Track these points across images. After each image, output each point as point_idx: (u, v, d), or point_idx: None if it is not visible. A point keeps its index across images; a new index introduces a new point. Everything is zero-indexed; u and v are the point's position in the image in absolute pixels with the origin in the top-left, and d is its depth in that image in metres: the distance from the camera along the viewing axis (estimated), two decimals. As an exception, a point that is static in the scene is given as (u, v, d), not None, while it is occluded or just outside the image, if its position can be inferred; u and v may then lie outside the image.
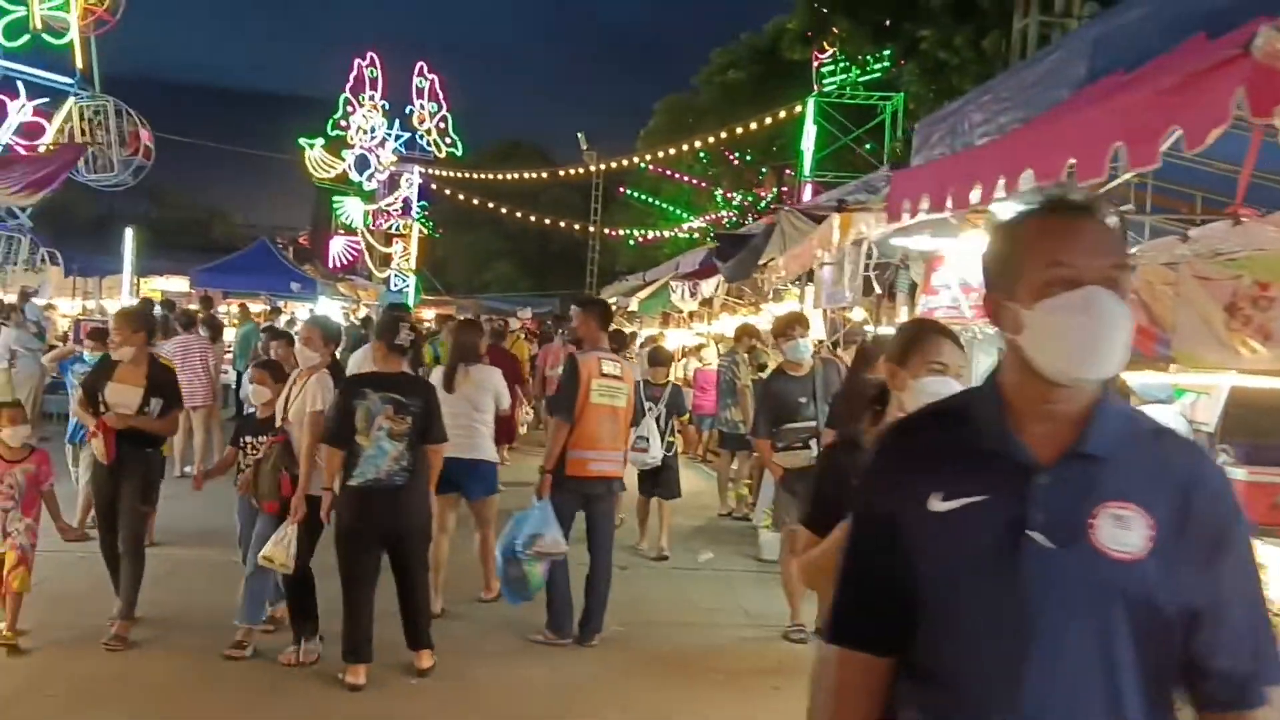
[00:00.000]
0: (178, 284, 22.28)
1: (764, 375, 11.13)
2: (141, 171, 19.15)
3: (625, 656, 6.11)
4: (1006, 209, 2.13)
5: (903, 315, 9.33)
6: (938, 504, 1.66)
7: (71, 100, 18.08)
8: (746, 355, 10.64)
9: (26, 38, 17.60)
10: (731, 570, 8.26)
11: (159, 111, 20.14)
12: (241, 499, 6.02)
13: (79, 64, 18.32)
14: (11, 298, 12.82)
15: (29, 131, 17.83)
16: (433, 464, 5.64)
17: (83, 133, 17.77)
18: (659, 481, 8.62)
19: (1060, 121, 4.10)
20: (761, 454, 7.07)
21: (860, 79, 24.83)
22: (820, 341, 13.19)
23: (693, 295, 14.34)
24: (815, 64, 25.67)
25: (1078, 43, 6.19)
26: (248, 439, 5.99)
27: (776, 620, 6.69)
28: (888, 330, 8.50)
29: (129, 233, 18.91)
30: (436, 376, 6.81)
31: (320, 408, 5.53)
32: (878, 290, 8.20)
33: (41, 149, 17.52)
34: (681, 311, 19.09)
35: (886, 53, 22.51)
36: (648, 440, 8.30)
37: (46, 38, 17.75)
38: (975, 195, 4.26)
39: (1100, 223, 1.64)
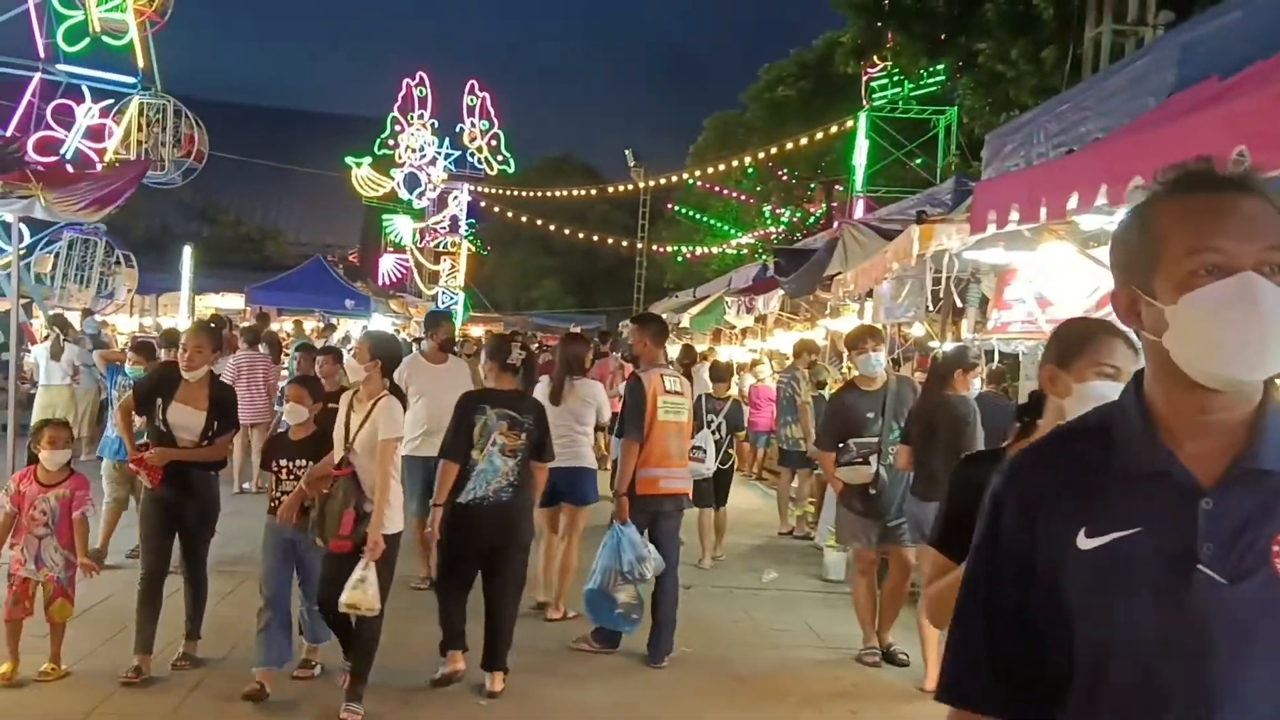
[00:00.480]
0: (233, 301, 22.53)
1: (823, 392, 11.02)
2: (192, 173, 19.36)
3: (696, 678, 5.98)
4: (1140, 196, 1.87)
5: (965, 330, 9.15)
6: (1083, 540, 1.43)
7: (136, 100, 18.35)
8: (806, 371, 10.48)
9: (87, 41, 17.90)
10: (796, 590, 8.09)
11: (211, 131, 20.32)
12: (272, 531, 5.35)
13: (140, 64, 18.61)
14: (74, 315, 13.03)
15: (94, 134, 18.22)
16: (538, 481, 5.83)
17: (140, 129, 18.01)
18: (712, 492, 8.68)
19: (1163, 128, 3.94)
20: (823, 467, 6.93)
21: (913, 93, 24.67)
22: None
23: (748, 311, 14.19)
24: (865, 78, 25.55)
25: (1164, 50, 6.04)
26: (281, 462, 5.40)
27: (847, 642, 6.54)
28: (952, 346, 8.33)
29: (187, 251, 19.15)
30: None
31: (394, 435, 5.04)
32: (959, 303, 8.01)
33: (110, 151, 17.88)
34: (735, 327, 18.99)
35: (941, 66, 22.27)
36: (704, 451, 8.38)
37: (106, 39, 18.02)
38: (1072, 203, 4.11)
39: (1254, 198, 1.39)
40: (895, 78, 23.73)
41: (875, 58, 23.19)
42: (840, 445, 6.34)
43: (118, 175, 10.30)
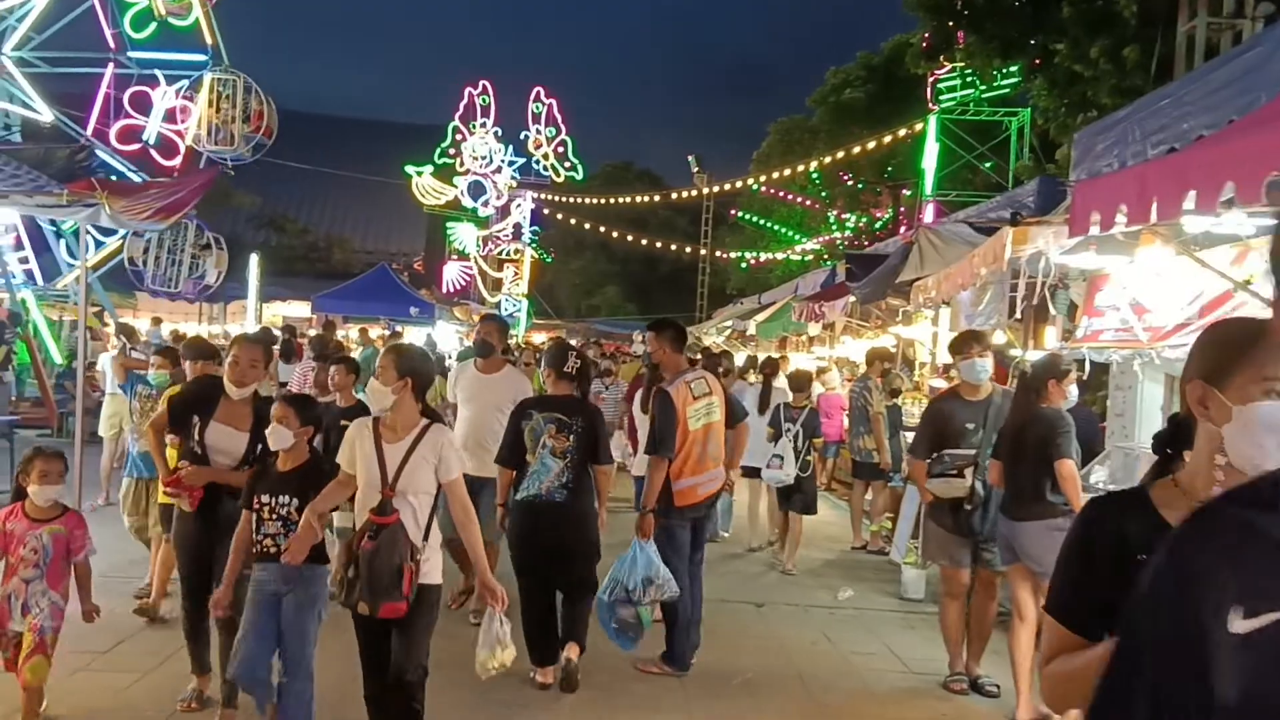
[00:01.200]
0: (299, 309, 22.70)
1: (897, 401, 10.67)
2: (261, 149, 19.47)
3: (773, 704, 5.69)
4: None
5: (1050, 338, 8.77)
6: (1238, 622, 1.17)
7: (208, 77, 18.61)
8: (879, 380, 10.16)
9: (153, 27, 18.17)
10: (874, 610, 7.75)
11: (279, 140, 20.50)
12: (259, 587, 4.39)
13: (208, 40, 18.83)
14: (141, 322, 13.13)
15: (172, 116, 18.56)
16: (600, 486, 5.81)
17: (211, 104, 18.22)
18: (794, 498, 8.98)
19: (1294, 119, 3.60)
20: (914, 476, 6.57)
21: (984, 95, 24.12)
22: (946, 366, 12.64)
23: (817, 318, 13.85)
24: (931, 80, 25.01)
25: (1274, 42, 5.66)
26: (263, 499, 4.43)
27: (932, 667, 6.21)
28: (1037, 355, 7.97)
29: (254, 259, 19.26)
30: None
31: (460, 474, 4.31)
32: (1053, 310, 7.64)
33: (190, 132, 18.12)
34: (802, 335, 18.65)
35: (1014, 68, 21.74)
36: (782, 459, 8.82)
37: (172, 21, 18.23)
38: (1189, 202, 3.78)
39: None
40: (968, 78, 23.19)
41: (945, 59, 22.65)
42: (934, 456, 6.00)
43: (184, 184, 10.30)
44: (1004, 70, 22.26)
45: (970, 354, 5.83)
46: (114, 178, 16.75)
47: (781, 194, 34.40)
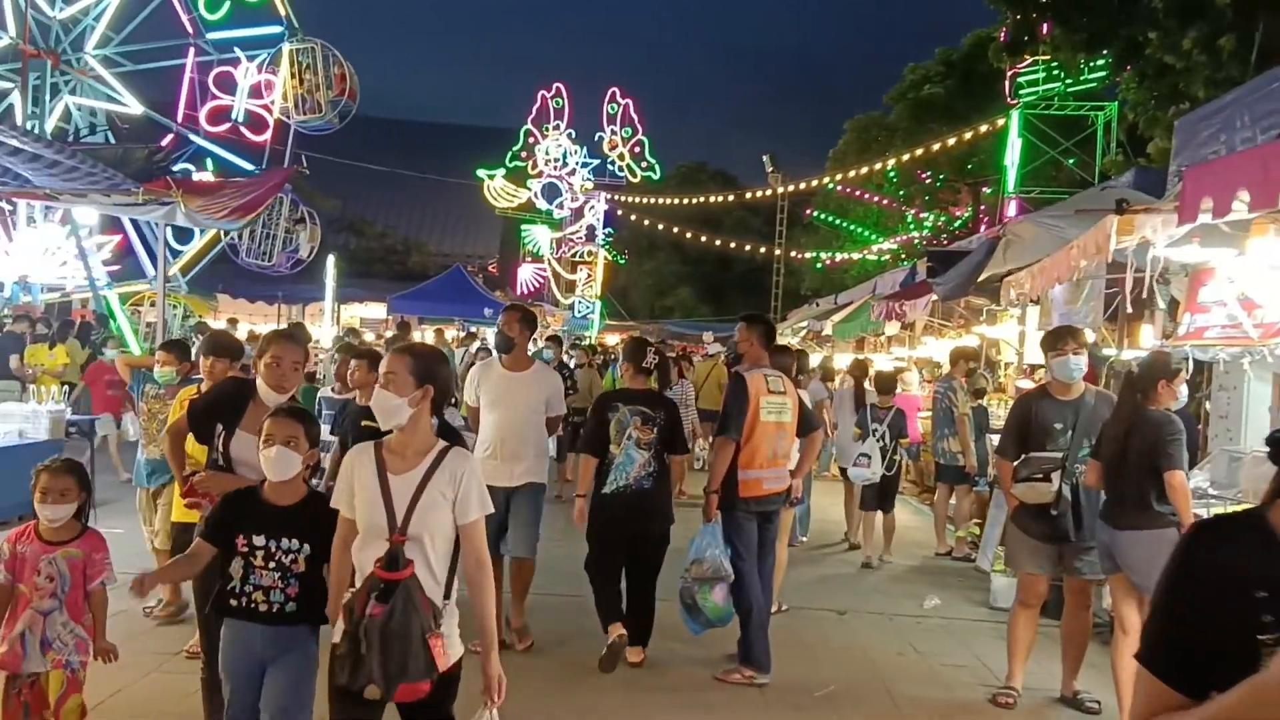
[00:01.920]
0: (375, 310, 22.87)
1: (982, 402, 10.31)
2: (348, 114, 19.59)
3: (859, 717, 5.44)
4: None
5: (1147, 336, 8.36)
6: None
7: (287, 48, 18.85)
8: (964, 381, 9.81)
9: (227, 6, 18.48)
10: (962, 619, 7.44)
11: (358, 146, 20.77)
12: (245, 652, 3.48)
13: (281, 11, 19.09)
14: (222, 323, 13.21)
15: (256, 92, 18.91)
16: (675, 474, 6.18)
17: (294, 75, 18.44)
18: (882, 496, 9.32)
19: None
20: (1000, 478, 6.25)
21: (1071, 88, 23.42)
22: (1033, 367, 12.19)
23: (897, 317, 13.50)
24: (1010, 74, 24.34)
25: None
26: (257, 541, 3.45)
27: (1028, 681, 5.86)
28: (1133, 354, 7.59)
29: (330, 260, 19.43)
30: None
31: (481, 514, 3.33)
32: (1161, 305, 7.26)
33: (277, 106, 18.41)
34: (880, 335, 18.25)
35: (1101, 60, 21.08)
36: (869, 458, 9.15)
37: None
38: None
39: None
40: (1053, 71, 22.53)
41: (1028, 54, 22.02)
42: (1021, 458, 5.68)
43: (259, 183, 10.37)
44: (1090, 64, 21.63)
45: (1065, 350, 5.49)
46: (209, 161, 17.08)
47: (858, 193, 33.88)
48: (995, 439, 10.60)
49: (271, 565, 3.42)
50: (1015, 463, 5.62)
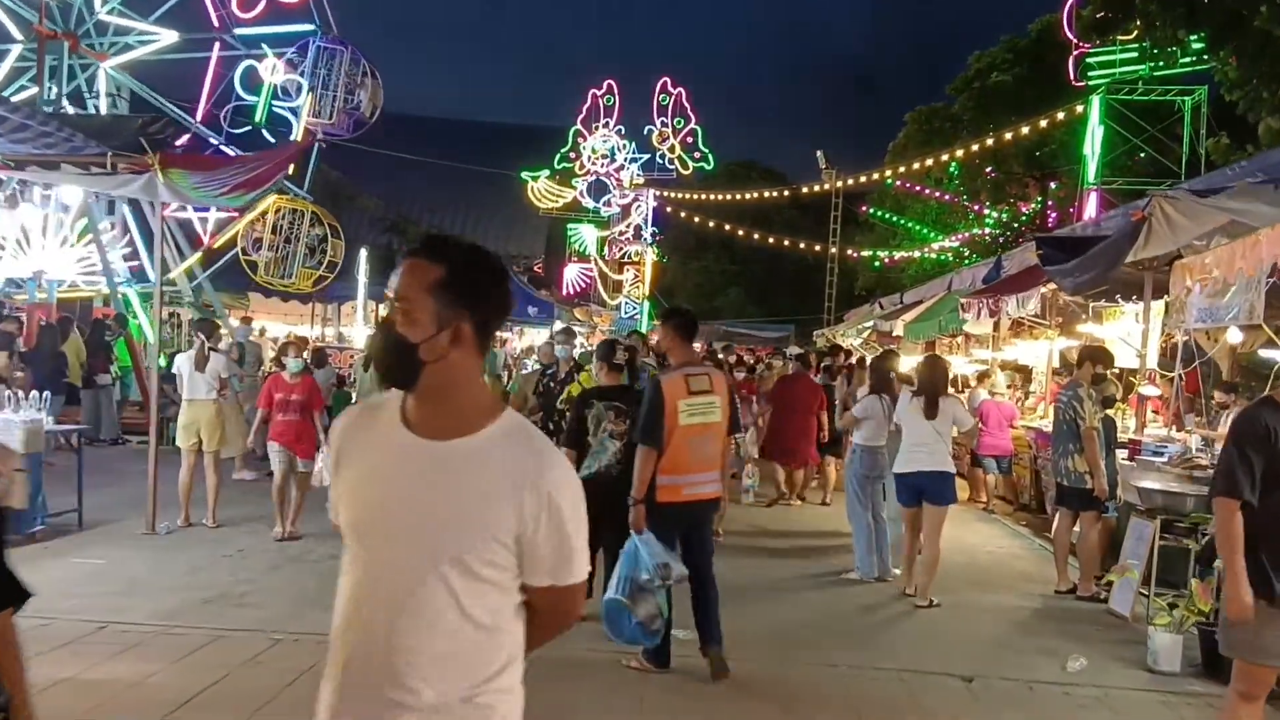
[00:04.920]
0: (414, 309, 21.72)
1: (1109, 412, 8.79)
2: (363, 126, 18.38)
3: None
4: None
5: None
6: None
7: (314, 48, 17.66)
8: (1092, 389, 8.24)
9: (262, 4, 17.33)
10: (1120, 689, 5.84)
11: (397, 145, 19.56)
12: None
13: (315, 13, 18.00)
14: (235, 322, 12.11)
15: (284, 93, 17.80)
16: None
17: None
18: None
19: None
20: (1219, 522, 4.50)
21: (1157, 71, 21.68)
22: (1134, 373, 10.63)
23: (992, 314, 11.98)
24: (1076, 53, 22.56)
25: None
26: None
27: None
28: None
29: (363, 254, 18.28)
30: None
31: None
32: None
33: (305, 105, 17.25)
34: (957, 335, 16.74)
35: (1196, 38, 19.40)
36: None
37: None
38: None
39: None
40: (1130, 52, 20.76)
41: (1120, 33, 20.31)
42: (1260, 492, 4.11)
43: (269, 157, 9.21)
44: (1186, 42, 19.98)
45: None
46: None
47: (917, 188, 32.28)
48: (1122, 454, 9.10)
49: None
50: (1241, 499, 4.10)
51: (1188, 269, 6.11)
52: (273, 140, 17.31)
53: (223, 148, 16.84)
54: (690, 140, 36.62)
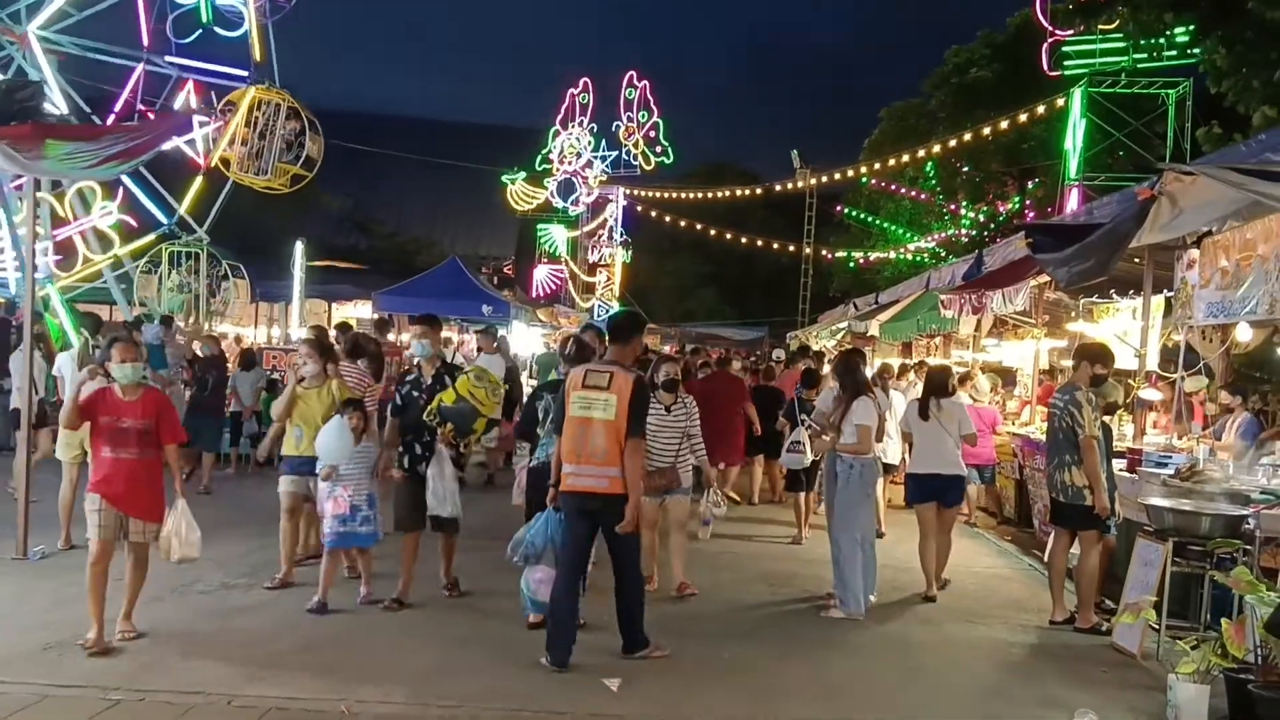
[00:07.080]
0: (367, 309, 20.69)
1: (1107, 420, 7.86)
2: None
3: None
4: None
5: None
6: None
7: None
8: (1090, 391, 7.29)
9: (200, 32, 16.17)
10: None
11: (371, 144, 18.38)
12: None
13: (257, 56, 16.55)
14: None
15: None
16: None
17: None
18: (808, 479, 9.70)
19: None
20: None
21: (1140, 64, 20.89)
22: (1132, 375, 9.72)
23: (975, 311, 11.07)
24: (1050, 41, 21.65)
25: None
26: None
27: None
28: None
29: (299, 248, 17.12)
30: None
31: None
32: None
33: (215, 153, 16.08)
34: (934, 336, 15.90)
35: (1181, 29, 18.64)
36: (801, 444, 9.43)
37: (220, 30, 16.16)
38: None
39: None
40: (1130, 35, 19.96)
41: (1104, 19, 19.48)
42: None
43: (149, 127, 8.25)
44: (1170, 34, 19.21)
45: None
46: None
47: (892, 187, 31.50)
48: (1120, 464, 8.16)
49: None
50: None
51: (1215, 245, 5.17)
52: (230, 35, 16.07)
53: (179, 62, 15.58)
54: (653, 134, 35.72)
